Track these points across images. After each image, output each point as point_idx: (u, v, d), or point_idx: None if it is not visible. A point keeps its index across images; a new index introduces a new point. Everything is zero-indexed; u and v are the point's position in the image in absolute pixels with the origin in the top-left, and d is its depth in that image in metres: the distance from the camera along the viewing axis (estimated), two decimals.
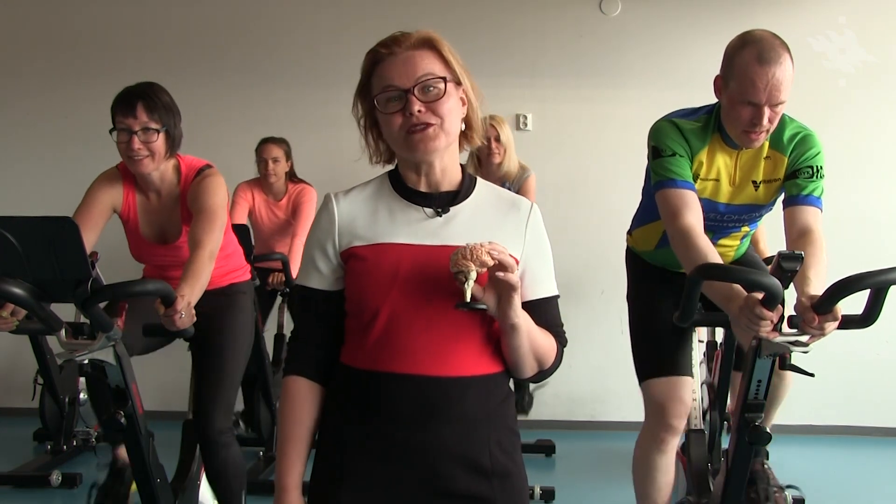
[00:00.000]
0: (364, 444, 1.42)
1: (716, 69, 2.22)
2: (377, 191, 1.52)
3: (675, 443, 2.44)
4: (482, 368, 1.43)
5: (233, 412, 2.67)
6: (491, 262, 1.31)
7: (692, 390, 2.47)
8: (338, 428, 1.46)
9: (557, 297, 1.53)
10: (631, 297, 2.64)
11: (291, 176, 4.31)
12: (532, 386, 4.23)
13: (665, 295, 2.47)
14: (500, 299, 1.36)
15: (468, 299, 1.32)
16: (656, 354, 2.44)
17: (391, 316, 1.40)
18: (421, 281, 1.40)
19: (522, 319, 1.39)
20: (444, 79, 1.43)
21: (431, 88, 1.42)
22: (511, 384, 1.54)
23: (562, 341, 1.53)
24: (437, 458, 1.40)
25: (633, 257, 2.67)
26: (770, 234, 3.60)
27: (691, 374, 2.46)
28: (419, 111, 1.40)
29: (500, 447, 1.45)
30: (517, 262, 1.45)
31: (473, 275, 1.30)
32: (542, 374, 1.50)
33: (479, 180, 1.56)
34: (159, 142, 2.46)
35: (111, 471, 2.66)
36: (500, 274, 1.32)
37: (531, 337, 1.42)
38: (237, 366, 2.69)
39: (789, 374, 2.48)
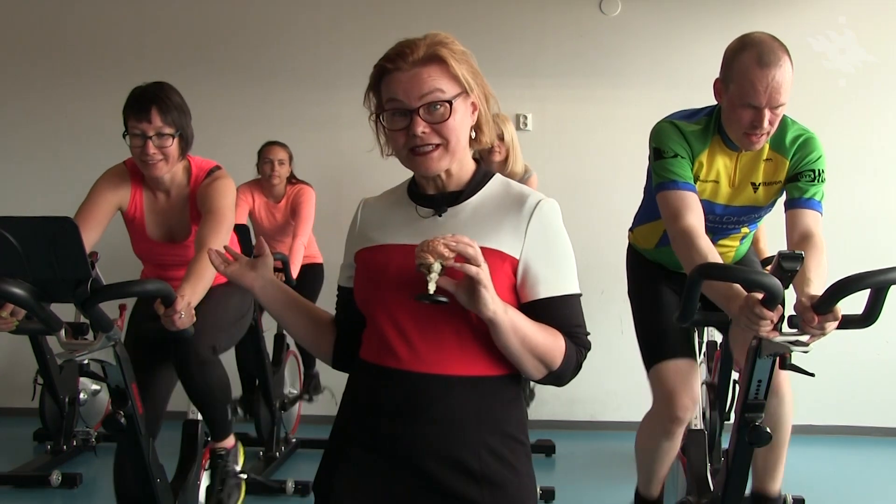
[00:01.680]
0: (359, 433, 1.46)
1: (716, 69, 2.22)
2: (397, 195, 1.57)
3: (681, 431, 2.47)
4: (473, 369, 1.42)
5: (221, 344, 2.61)
6: (448, 254, 1.29)
7: (699, 383, 2.48)
8: (344, 415, 1.52)
9: (576, 295, 1.48)
10: (633, 292, 2.64)
11: (290, 178, 4.33)
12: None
13: (667, 289, 2.51)
14: (473, 294, 1.33)
15: (431, 291, 1.30)
16: (664, 339, 2.44)
17: (382, 313, 1.44)
18: (408, 280, 1.40)
19: (502, 315, 1.34)
20: (450, 101, 1.41)
21: (438, 107, 1.40)
22: (517, 388, 1.51)
23: (579, 342, 1.47)
24: (420, 454, 1.41)
25: (634, 254, 2.68)
26: (770, 235, 3.60)
27: (696, 361, 2.48)
28: (423, 132, 1.40)
29: (494, 453, 1.42)
30: (516, 261, 1.44)
31: (437, 267, 1.29)
32: (554, 376, 1.45)
33: (497, 176, 1.54)
34: (173, 146, 2.46)
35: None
36: (458, 265, 1.30)
37: (520, 334, 1.38)
38: (228, 322, 2.69)
39: (787, 407, 2.37)
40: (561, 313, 1.45)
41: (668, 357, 2.40)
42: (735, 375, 2.84)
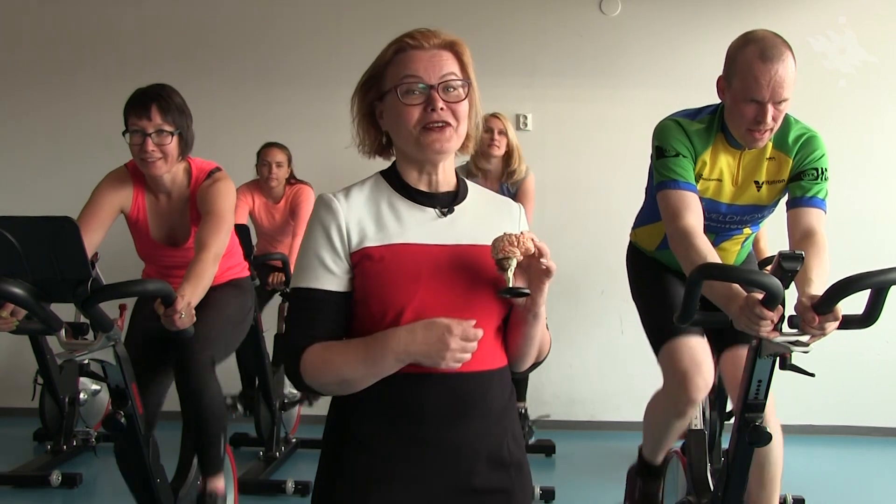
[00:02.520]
0: (392, 446, 1.40)
1: (716, 69, 2.22)
2: (375, 190, 1.50)
3: (694, 411, 2.44)
4: (498, 362, 1.46)
5: (219, 356, 2.59)
6: (533, 249, 1.34)
7: (711, 361, 2.36)
8: (361, 431, 1.42)
9: None
10: (636, 281, 2.63)
11: (289, 179, 4.34)
12: (532, 416, 4.28)
13: (671, 276, 2.48)
14: (533, 287, 1.39)
15: (511, 285, 1.35)
16: (674, 308, 2.32)
17: (417, 316, 1.37)
18: (443, 280, 1.40)
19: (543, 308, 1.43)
20: (468, 82, 1.45)
21: (453, 89, 1.43)
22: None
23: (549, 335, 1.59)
24: (462, 454, 1.41)
25: (636, 252, 2.66)
26: (771, 235, 3.60)
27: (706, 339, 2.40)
28: (441, 108, 1.41)
29: (514, 438, 1.49)
30: None
31: (514, 262, 1.34)
32: (536, 365, 1.55)
33: (468, 182, 1.58)
34: (172, 144, 2.46)
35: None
36: (545, 260, 1.36)
37: (543, 327, 1.48)
38: (227, 329, 2.67)
39: (776, 449, 2.32)
40: None
41: (679, 334, 2.30)
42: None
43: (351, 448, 1.43)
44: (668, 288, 2.47)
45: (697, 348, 2.32)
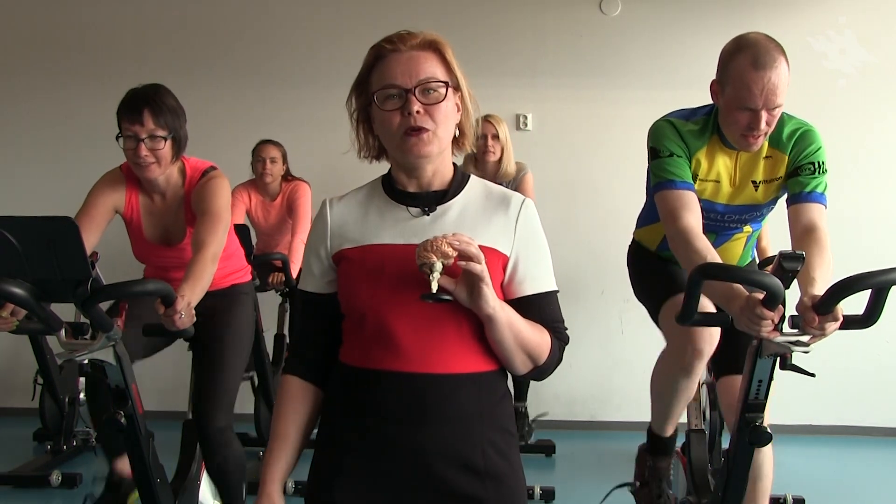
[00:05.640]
0: (357, 441, 1.42)
1: (715, 69, 2.21)
2: (370, 194, 1.55)
3: (702, 366, 2.35)
4: (475, 366, 1.43)
5: (232, 411, 2.65)
6: (452, 253, 1.32)
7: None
8: (334, 425, 1.47)
9: (556, 292, 1.52)
10: (636, 270, 2.62)
11: (285, 176, 4.34)
12: (532, 416, 4.27)
13: (673, 266, 2.45)
14: (471, 290, 1.36)
15: (434, 291, 1.33)
16: (672, 278, 2.37)
17: (379, 315, 1.41)
18: (406, 280, 1.40)
19: (500, 311, 1.38)
20: (446, 83, 1.44)
21: (432, 91, 1.43)
22: (511, 387, 1.53)
23: (561, 337, 1.52)
24: (428, 456, 1.40)
25: (639, 248, 2.65)
26: (774, 234, 3.60)
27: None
28: (418, 112, 1.41)
29: (495, 447, 1.44)
30: (507, 258, 1.47)
31: (438, 266, 1.32)
32: (539, 370, 1.49)
33: (473, 177, 1.56)
34: (166, 148, 2.45)
35: (108, 484, 2.65)
36: (463, 263, 1.33)
37: (515, 330, 1.41)
38: (237, 365, 2.69)
39: (767, 451, 2.27)
40: (545, 310, 1.50)
41: (680, 290, 2.21)
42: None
43: (325, 442, 1.48)
44: (668, 268, 2.44)
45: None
